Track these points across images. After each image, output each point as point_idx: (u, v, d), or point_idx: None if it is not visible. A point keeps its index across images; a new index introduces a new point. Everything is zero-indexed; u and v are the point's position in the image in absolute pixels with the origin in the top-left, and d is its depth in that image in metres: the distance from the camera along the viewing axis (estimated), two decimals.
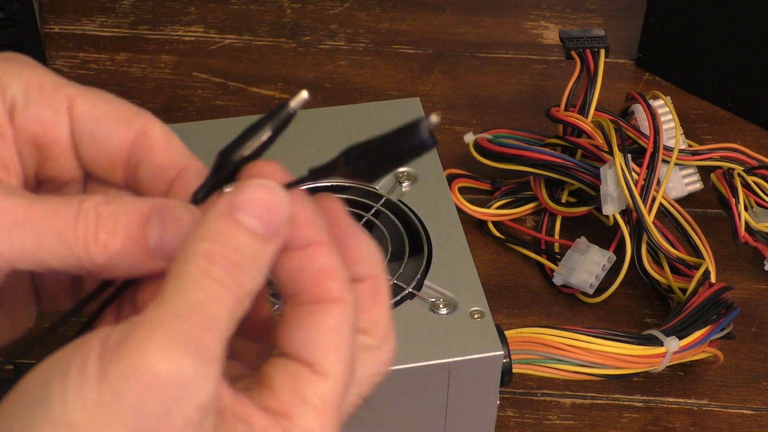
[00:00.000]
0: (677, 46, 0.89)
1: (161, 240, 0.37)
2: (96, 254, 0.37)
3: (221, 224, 0.35)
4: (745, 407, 0.70)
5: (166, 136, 0.41)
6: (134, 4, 0.98)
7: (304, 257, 0.37)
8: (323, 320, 0.36)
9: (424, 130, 0.36)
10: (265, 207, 0.36)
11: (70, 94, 0.40)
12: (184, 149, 0.41)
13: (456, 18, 0.98)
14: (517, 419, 0.70)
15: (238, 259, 0.35)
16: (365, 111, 0.73)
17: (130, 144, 0.40)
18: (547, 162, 0.77)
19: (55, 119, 0.40)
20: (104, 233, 0.37)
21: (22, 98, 0.40)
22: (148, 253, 0.37)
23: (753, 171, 0.75)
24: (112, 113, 0.40)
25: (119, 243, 0.37)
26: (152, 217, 0.38)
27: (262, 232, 0.36)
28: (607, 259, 0.74)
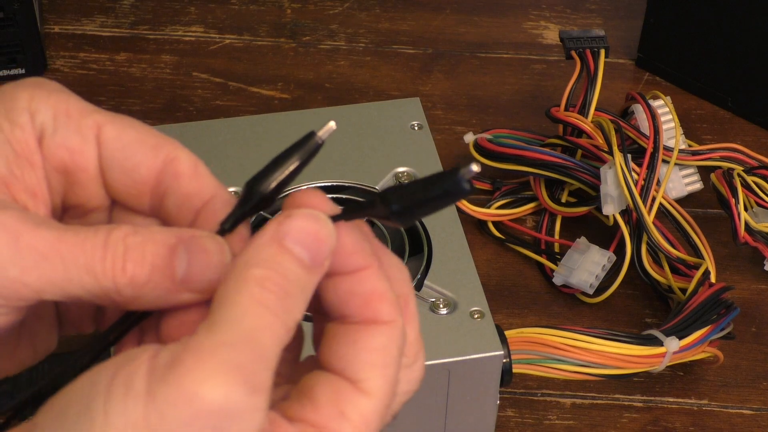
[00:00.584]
0: (677, 46, 0.90)
1: (188, 272, 0.37)
2: (123, 286, 0.37)
3: (272, 250, 0.36)
4: (745, 407, 0.70)
5: (193, 164, 0.41)
6: (134, 4, 0.98)
7: (354, 281, 0.37)
8: (372, 339, 0.37)
9: (464, 178, 0.36)
10: (313, 237, 0.36)
11: (98, 121, 0.40)
12: (211, 177, 0.41)
13: (456, 18, 0.98)
14: (517, 419, 0.70)
15: (289, 287, 0.35)
16: (365, 111, 0.73)
17: (158, 172, 0.40)
18: (547, 162, 0.77)
19: (83, 146, 0.40)
20: (131, 265, 0.37)
21: (51, 124, 0.40)
22: (175, 286, 0.37)
23: (753, 171, 0.75)
24: (139, 141, 0.40)
25: (146, 275, 0.37)
26: (179, 248, 0.38)
27: (308, 262, 0.36)
28: (607, 259, 0.74)
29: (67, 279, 0.37)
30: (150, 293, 0.37)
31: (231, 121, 0.73)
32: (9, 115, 0.39)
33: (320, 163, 0.69)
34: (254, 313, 0.34)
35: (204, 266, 0.37)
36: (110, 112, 0.41)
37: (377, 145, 0.71)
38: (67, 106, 0.40)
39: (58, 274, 0.37)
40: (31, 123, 0.40)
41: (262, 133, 0.71)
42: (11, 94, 0.40)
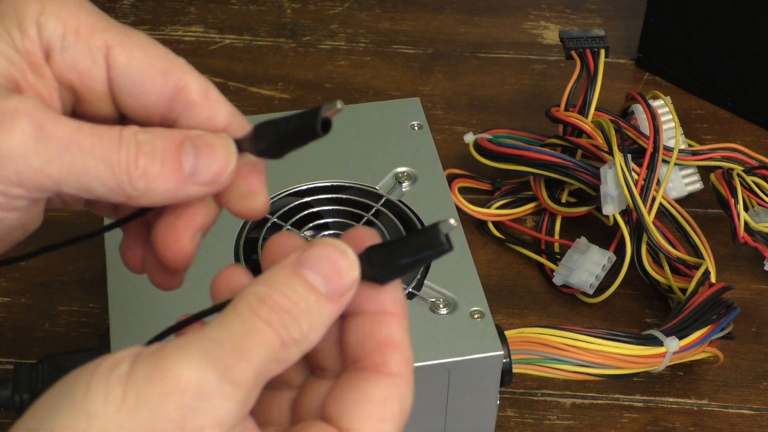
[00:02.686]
0: (677, 46, 0.90)
1: (195, 165, 0.39)
2: (136, 178, 0.38)
3: (283, 274, 0.36)
4: (745, 407, 0.70)
5: (204, 91, 0.41)
6: (134, 4, 0.98)
7: (375, 323, 0.37)
8: (373, 389, 0.37)
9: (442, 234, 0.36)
10: (331, 267, 0.36)
11: (108, 41, 0.40)
12: (223, 104, 0.41)
13: (456, 18, 0.98)
14: (517, 419, 0.70)
15: (289, 306, 0.36)
16: (365, 111, 0.73)
17: (168, 99, 0.40)
18: (547, 162, 0.77)
19: (92, 68, 0.40)
20: (144, 158, 0.38)
21: (59, 42, 0.40)
22: (183, 179, 0.38)
23: (753, 171, 0.75)
24: (148, 65, 0.40)
25: (157, 168, 0.38)
26: (186, 144, 0.39)
27: (324, 291, 0.36)
28: (607, 259, 0.74)
29: (85, 170, 0.38)
30: (161, 186, 0.38)
31: None
32: (20, 25, 0.39)
33: (320, 163, 0.69)
34: (246, 319, 0.35)
35: (210, 159, 0.39)
36: (122, 28, 0.41)
37: (377, 145, 0.71)
38: (77, 22, 0.40)
39: (78, 165, 0.38)
40: (39, 37, 0.40)
41: None
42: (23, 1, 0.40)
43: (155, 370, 0.33)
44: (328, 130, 0.40)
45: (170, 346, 0.34)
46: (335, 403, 0.37)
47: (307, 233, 0.66)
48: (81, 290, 0.75)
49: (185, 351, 0.34)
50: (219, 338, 0.34)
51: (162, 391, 0.33)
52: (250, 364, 0.34)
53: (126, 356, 0.34)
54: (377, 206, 0.67)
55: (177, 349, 0.34)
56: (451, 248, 0.36)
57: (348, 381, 0.37)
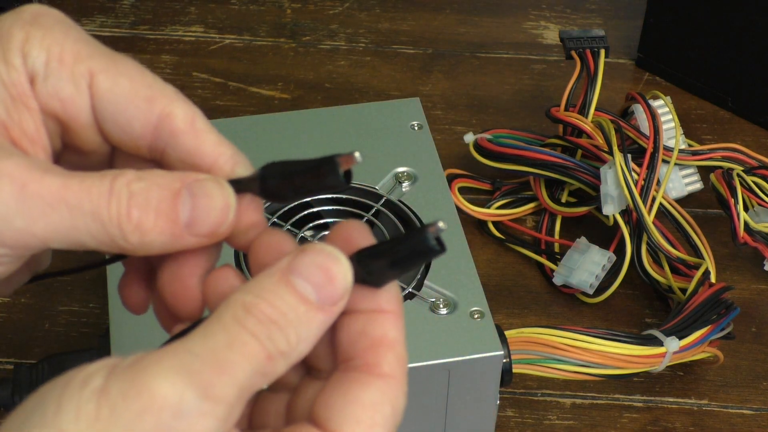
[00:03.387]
0: (677, 46, 0.89)
1: (192, 216, 0.37)
2: (129, 232, 0.37)
3: (271, 282, 0.35)
4: (745, 407, 0.70)
5: (190, 120, 0.39)
6: (134, 4, 0.98)
7: (368, 321, 0.36)
8: (364, 393, 0.35)
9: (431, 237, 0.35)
10: (323, 275, 0.35)
11: (92, 68, 0.39)
12: (210, 134, 0.39)
13: (456, 18, 0.98)
14: (517, 419, 0.70)
15: (276, 316, 0.34)
16: (365, 111, 0.73)
17: (153, 128, 0.39)
18: (547, 162, 0.77)
19: (75, 96, 0.39)
20: (137, 211, 0.36)
21: (42, 69, 0.38)
22: (179, 230, 0.37)
23: (753, 171, 0.75)
24: (132, 93, 0.39)
25: (152, 220, 0.37)
26: (183, 193, 0.37)
27: (314, 300, 0.35)
28: (607, 259, 0.74)
29: (74, 227, 0.36)
30: (156, 238, 0.37)
31: (231, 121, 0.73)
32: (5, 56, 0.38)
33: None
34: (229, 331, 0.34)
35: (208, 210, 0.37)
36: (109, 55, 0.40)
37: (377, 145, 0.71)
38: (61, 49, 0.39)
39: (65, 223, 0.36)
40: (24, 66, 0.38)
41: (262, 133, 0.71)
42: (8, 30, 0.39)
43: (131, 385, 0.32)
44: (349, 181, 0.38)
45: (147, 359, 0.33)
46: (325, 405, 0.35)
47: (307, 233, 0.66)
48: (81, 290, 0.75)
49: (163, 365, 0.32)
50: (200, 351, 0.33)
51: (137, 408, 0.32)
52: (233, 380, 0.33)
53: (100, 369, 0.33)
54: (377, 206, 0.67)
55: (154, 363, 0.32)
56: (444, 250, 0.35)
57: (338, 382, 0.36)
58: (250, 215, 0.39)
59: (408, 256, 0.36)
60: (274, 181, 0.38)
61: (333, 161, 0.37)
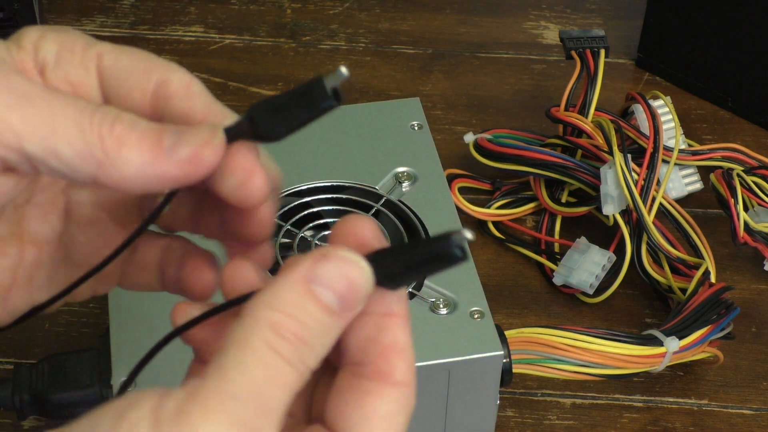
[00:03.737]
0: (677, 46, 0.89)
1: (177, 143, 0.37)
2: (108, 142, 0.36)
3: (296, 294, 0.34)
4: (745, 407, 0.70)
5: (186, 85, 0.40)
6: (134, 4, 0.98)
7: (379, 326, 0.36)
8: (380, 404, 0.35)
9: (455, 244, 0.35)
10: (346, 283, 0.35)
11: (100, 51, 0.40)
12: (204, 95, 0.40)
13: (456, 18, 0.98)
14: (517, 419, 0.70)
15: (307, 336, 0.34)
16: (365, 111, 0.73)
17: (151, 96, 0.39)
18: (547, 162, 0.77)
19: (85, 78, 0.40)
20: (120, 127, 0.37)
21: (53, 59, 0.39)
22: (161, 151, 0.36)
23: (753, 171, 0.75)
24: (132, 65, 0.40)
25: (134, 137, 0.36)
26: (170, 126, 0.37)
27: (336, 308, 0.35)
28: (607, 259, 0.74)
29: (52, 127, 0.36)
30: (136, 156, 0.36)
31: None
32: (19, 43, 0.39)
33: (320, 163, 0.69)
34: (266, 362, 0.33)
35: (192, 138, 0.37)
36: (115, 44, 0.41)
37: (377, 145, 0.71)
38: (73, 43, 0.40)
39: (43, 119, 0.36)
40: (35, 53, 0.39)
41: None
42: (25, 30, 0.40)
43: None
44: (340, 99, 0.38)
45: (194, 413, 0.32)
46: (342, 416, 0.35)
47: (307, 233, 0.66)
48: None
49: (212, 420, 0.32)
50: (242, 394, 0.32)
51: None
52: (275, 416, 0.33)
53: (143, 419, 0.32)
54: (377, 206, 0.67)
55: (202, 418, 0.32)
56: (466, 258, 0.35)
57: (352, 389, 0.36)
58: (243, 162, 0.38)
59: (428, 262, 0.35)
60: (264, 120, 0.38)
61: (320, 81, 0.37)
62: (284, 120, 0.38)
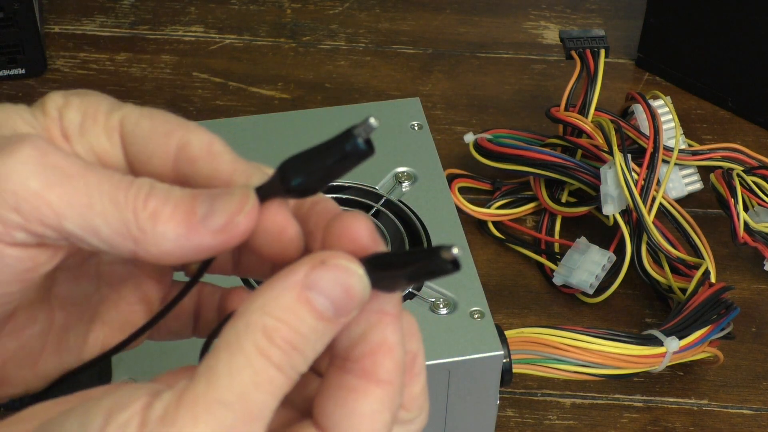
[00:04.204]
0: (677, 46, 0.90)
1: (210, 211, 0.36)
2: (143, 218, 0.36)
3: (290, 300, 0.34)
4: (745, 407, 0.70)
5: (207, 146, 0.39)
6: (134, 4, 0.98)
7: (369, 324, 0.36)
8: (363, 403, 0.35)
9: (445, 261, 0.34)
10: (342, 290, 0.34)
11: (121, 117, 0.39)
12: (227, 154, 0.39)
13: (456, 18, 0.98)
14: (517, 419, 0.70)
15: (299, 342, 0.34)
16: (365, 111, 0.73)
17: (173, 160, 0.39)
18: (547, 162, 0.77)
19: (109, 147, 0.39)
20: (155, 201, 0.36)
21: (77, 129, 0.39)
22: (194, 221, 0.36)
23: (753, 171, 0.75)
24: (152, 130, 0.39)
25: (168, 210, 0.36)
26: (203, 193, 0.37)
27: (331, 315, 0.34)
28: (607, 259, 0.74)
29: (89, 204, 0.36)
30: (171, 230, 0.36)
31: (231, 121, 0.73)
32: (44, 110, 0.39)
33: None
34: (256, 366, 0.33)
35: (225, 204, 0.36)
36: (136, 106, 0.40)
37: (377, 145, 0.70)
38: (96, 109, 0.39)
39: (81, 197, 0.36)
40: (60, 121, 0.39)
41: (262, 133, 0.71)
42: (50, 96, 0.40)
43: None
44: (373, 149, 0.37)
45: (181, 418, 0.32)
46: (326, 413, 0.35)
47: None
48: None
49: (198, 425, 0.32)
50: (230, 400, 0.32)
51: None
52: (263, 422, 0.33)
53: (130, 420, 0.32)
54: (377, 206, 0.67)
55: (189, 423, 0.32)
56: (458, 268, 0.34)
57: (338, 387, 0.35)
58: (275, 218, 0.37)
59: (421, 273, 0.35)
60: (295, 178, 0.37)
61: (351, 135, 0.37)
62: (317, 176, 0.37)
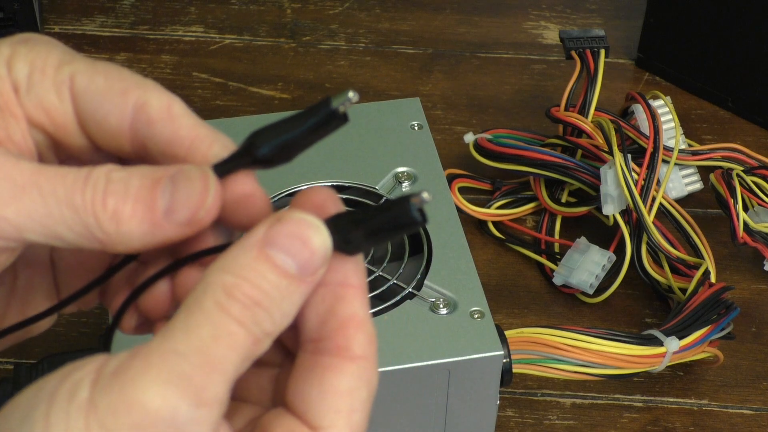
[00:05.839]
0: (677, 46, 0.90)
1: (171, 202, 0.35)
2: (104, 221, 0.35)
3: (250, 258, 0.33)
4: (745, 407, 0.70)
5: (166, 107, 0.37)
6: (134, 4, 0.98)
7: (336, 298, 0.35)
8: (340, 380, 0.34)
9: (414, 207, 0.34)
10: (303, 245, 0.33)
11: (72, 72, 0.38)
12: (188, 117, 0.37)
13: (456, 18, 0.98)
14: (517, 419, 0.70)
15: (260, 298, 0.33)
16: (365, 111, 0.73)
17: (130, 120, 0.37)
18: (547, 162, 0.77)
19: (58, 103, 0.38)
20: (113, 198, 0.35)
21: (25, 81, 0.37)
22: (158, 217, 0.35)
23: (753, 171, 0.75)
24: (107, 88, 0.37)
25: (129, 208, 0.35)
26: (163, 180, 0.35)
27: (294, 272, 0.33)
28: (607, 259, 0.74)
29: (47, 213, 0.35)
30: (134, 228, 0.35)
31: (231, 121, 0.74)
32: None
33: (320, 163, 0.69)
34: (214, 321, 0.32)
35: (187, 195, 0.35)
36: (88, 60, 0.38)
37: (377, 145, 0.71)
38: (44, 62, 0.38)
39: (38, 208, 0.35)
40: (9, 77, 0.37)
41: None
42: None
43: (119, 398, 0.31)
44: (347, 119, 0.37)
45: (134, 367, 0.31)
46: (300, 395, 0.34)
47: None
48: None
49: (150, 374, 0.31)
50: (186, 350, 0.32)
51: (129, 424, 0.30)
52: (223, 377, 0.32)
53: (85, 376, 0.32)
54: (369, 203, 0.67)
55: (141, 373, 0.31)
56: (426, 221, 0.34)
57: (310, 367, 0.34)
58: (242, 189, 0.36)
59: (388, 227, 0.34)
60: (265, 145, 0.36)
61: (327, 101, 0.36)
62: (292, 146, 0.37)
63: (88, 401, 0.31)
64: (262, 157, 0.36)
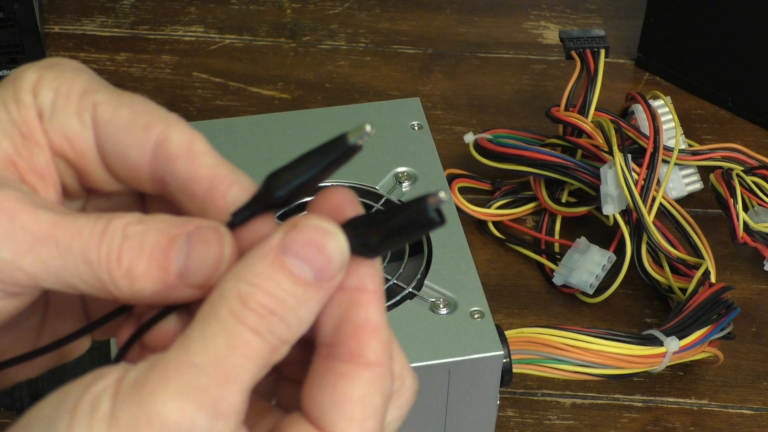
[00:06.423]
0: (677, 46, 0.89)
1: (186, 265, 0.35)
2: (118, 278, 0.34)
3: (265, 266, 0.33)
4: (745, 407, 0.70)
5: (187, 144, 0.37)
6: (134, 4, 0.98)
7: (351, 303, 0.34)
8: (353, 388, 0.34)
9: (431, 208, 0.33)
10: (319, 252, 0.33)
11: (95, 101, 0.37)
12: (209, 156, 0.37)
13: (456, 18, 0.98)
14: (517, 419, 0.70)
15: (275, 306, 0.33)
16: (365, 111, 0.73)
17: (150, 155, 0.37)
18: (547, 162, 0.77)
19: (80, 131, 0.37)
20: (128, 255, 0.34)
21: (49, 107, 0.37)
22: (171, 279, 0.35)
23: (752, 171, 0.75)
24: (131, 121, 0.37)
25: (143, 267, 0.34)
26: (179, 239, 0.35)
27: (310, 279, 0.33)
28: (607, 259, 0.74)
29: (63, 266, 0.35)
30: (147, 287, 0.35)
31: (231, 121, 0.73)
32: (16, 95, 0.37)
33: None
34: (231, 330, 0.32)
35: (202, 260, 0.35)
36: (114, 89, 0.38)
37: (377, 145, 0.71)
38: (69, 88, 0.37)
39: (54, 260, 0.35)
40: (34, 104, 0.37)
41: (262, 133, 0.71)
42: (23, 72, 0.38)
43: (139, 411, 0.31)
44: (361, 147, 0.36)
45: (152, 380, 0.32)
46: (315, 402, 0.34)
47: None
48: None
49: (169, 387, 0.31)
50: (202, 361, 0.32)
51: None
52: (240, 387, 0.32)
53: (106, 389, 0.32)
54: (377, 206, 0.67)
55: (160, 385, 0.31)
56: (444, 222, 0.33)
57: (324, 374, 0.34)
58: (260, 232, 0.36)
59: (406, 228, 0.34)
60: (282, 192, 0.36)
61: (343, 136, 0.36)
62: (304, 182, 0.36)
63: (110, 414, 0.31)
64: (279, 200, 0.36)
